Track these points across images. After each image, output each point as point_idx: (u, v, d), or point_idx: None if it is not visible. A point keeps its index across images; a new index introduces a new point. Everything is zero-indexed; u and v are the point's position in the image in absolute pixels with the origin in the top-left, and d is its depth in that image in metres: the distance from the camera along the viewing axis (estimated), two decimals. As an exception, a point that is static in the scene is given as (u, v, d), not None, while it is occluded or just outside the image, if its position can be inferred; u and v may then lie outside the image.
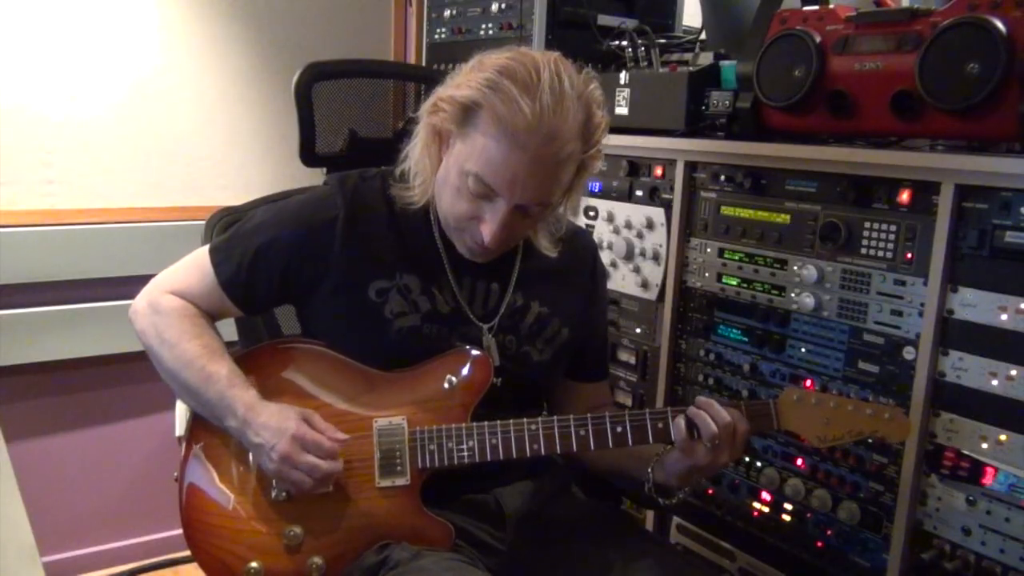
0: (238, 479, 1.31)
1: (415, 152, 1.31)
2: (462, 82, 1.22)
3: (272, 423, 1.24)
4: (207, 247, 1.38)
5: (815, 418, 1.26)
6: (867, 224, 1.43)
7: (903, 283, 1.39)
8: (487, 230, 1.24)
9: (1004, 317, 1.26)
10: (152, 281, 1.39)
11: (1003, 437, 1.28)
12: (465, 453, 1.28)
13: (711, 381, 1.72)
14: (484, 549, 1.33)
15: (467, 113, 1.21)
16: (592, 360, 1.53)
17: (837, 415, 1.26)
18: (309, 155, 1.67)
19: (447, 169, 1.27)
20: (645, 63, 1.89)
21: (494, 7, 2.14)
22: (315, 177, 1.69)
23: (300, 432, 1.23)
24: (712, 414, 1.23)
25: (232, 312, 1.39)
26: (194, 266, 1.37)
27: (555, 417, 1.29)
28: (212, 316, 1.38)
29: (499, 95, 1.17)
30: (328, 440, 1.25)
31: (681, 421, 1.25)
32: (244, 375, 1.30)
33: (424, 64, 2.42)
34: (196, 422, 1.34)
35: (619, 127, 1.83)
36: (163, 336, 1.32)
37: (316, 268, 1.32)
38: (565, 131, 1.18)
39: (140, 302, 1.37)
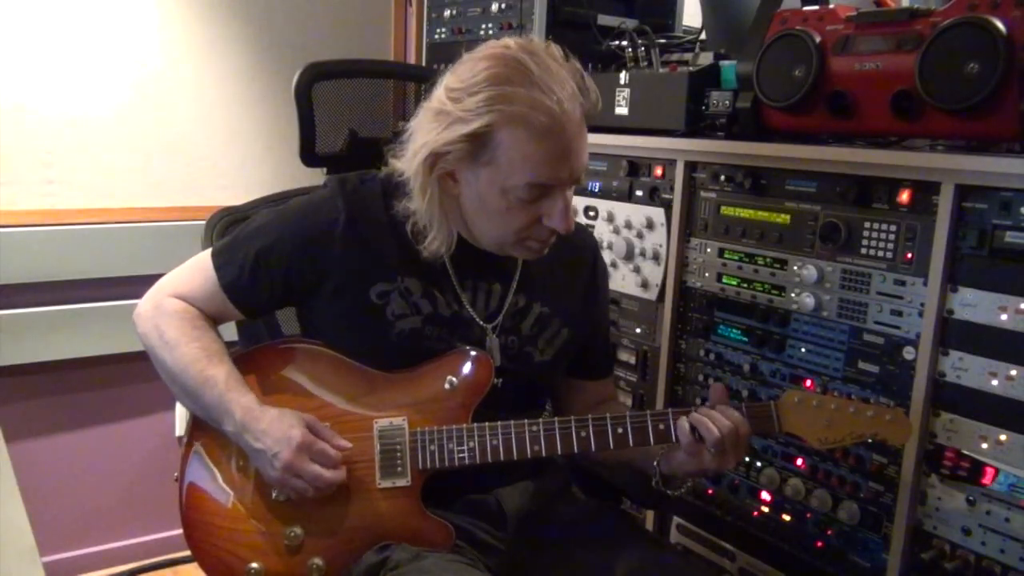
0: (238, 479, 1.31)
1: (424, 210, 1.27)
2: (455, 119, 1.19)
3: (274, 430, 1.24)
4: (209, 250, 1.38)
5: (816, 420, 1.26)
6: (867, 224, 1.43)
7: (903, 283, 1.39)
8: (559, 220, 1.24)
9: (1004, 317, 1.26)
10: (156, 284, 1.39)
11: (1003, 437, 1.28)
12: (466, 454, 1.28)
13: (711, 381, 1.72)
14: (484, 549, 1.33)
15: (480, 140, 1.19)
16: (595, 357, 1.53)
17: (838, 417, 1.26)
18: (309, 155, 1.67)
19: (479, 199, 1.25)
20: (645, 63, 1.89)
21: (494, 7, 2.14)
22: (315, 177, 1.69)
23: (306, 441, 1.23)
24: (715, 420, 1.23)
25: (234, 315, 1.39)
26: (197, 270, 1.37)
27: (556, 418, 1.30)
28: (214, 319, 1.38)
29: (509, 104, 1.17)
30: (333, 449, 1.25)
31: (685, 424, 1.25)
32: (243, 378, 1.30)
33: (424, 64, 2.42)
34: (196, 422, 1.34)
35: (619, 127, 1.84)
36: (164, 338, 1.32)
37: (318, 271, 1.32)
38: (572, 94, 1.20)
39: (144, 305, 1.37)
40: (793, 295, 1.56)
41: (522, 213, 1.24)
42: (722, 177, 1.66)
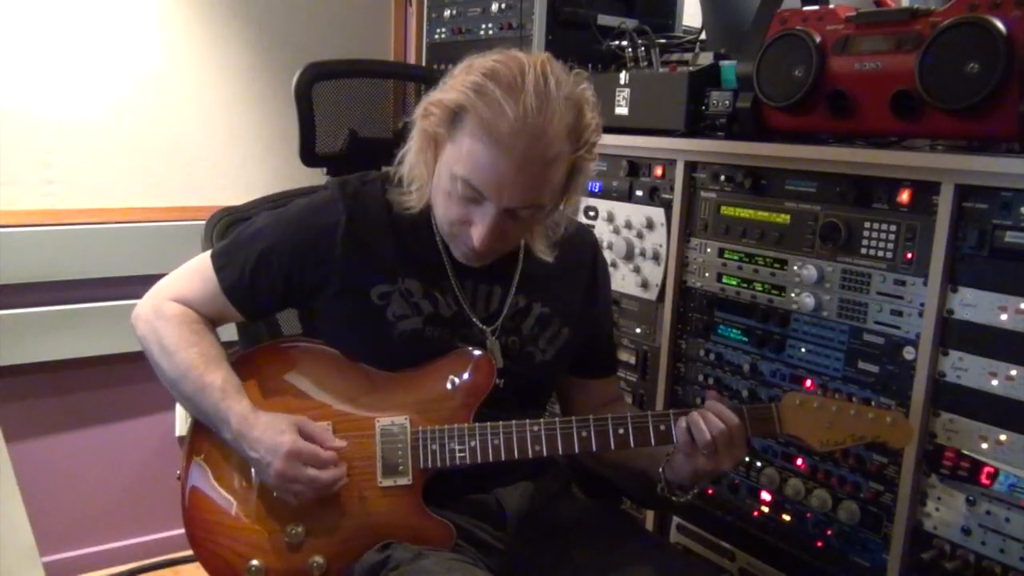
0: (240, 477, 1.32)
1: (410, 157, 1.29)
2: (451, 85, 1.22)
3: (266, 439, 1.24)
4: (208, 253, 1.38)
5: (817, 423, 1.26)
6: (867, 224, 1.43)
7: (903, 283, 1.39)
8: (476, 234, 1.22)
9: (1004, 317, 1.26)
10: (154, 287, 1.39)
11: (1003, 437, 1.28)
12: (467, 453, 1.28)
13: (711, 381, 1.72)
14: (485, 549, 1.33)
15: (454, 117, 1.20)
16: (598, 356, 1.53)
17: (839, 419, 1.25)
18: (309, 155, 1.67)
19: (439, 174, 1.26)
20: (645, 63, 1.89)
21: (494, 7, 2.14)
22: (315, 177, 1.69)
23: (295, 448, 1.23)
24: (707, 421, 1.23)
25: (234, 317, 1.39)
26: (196, 272, 1.37)
27: (557, 418, 1.30)
28: (213, 322, 1.38)
29: (483, 98, 1.17)
30: (324, 451, 1.25)
31: (683, 424, 1.25)
32: (240, 383, 1.31)
33: (424, 64, 2.42)
34: (198, 421, 1.34)
35: (619, 127, 1.84)
36: (162, 343, 1.32)
37: (318, 273, 1.32)
38: (551, 132, 1.17)
39: (142, 308, 1.37)
40: (793, 295, 1.56)
41: (457, 206, 1.23)
42: (722, 177, 1.66)
